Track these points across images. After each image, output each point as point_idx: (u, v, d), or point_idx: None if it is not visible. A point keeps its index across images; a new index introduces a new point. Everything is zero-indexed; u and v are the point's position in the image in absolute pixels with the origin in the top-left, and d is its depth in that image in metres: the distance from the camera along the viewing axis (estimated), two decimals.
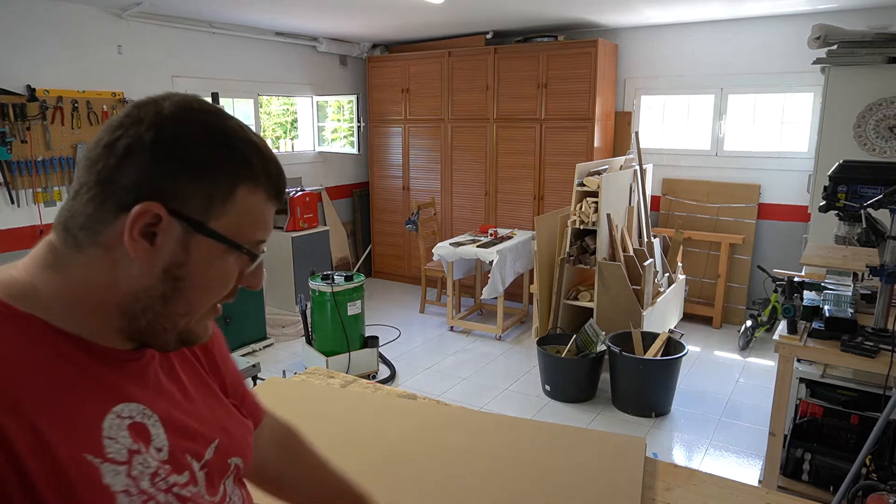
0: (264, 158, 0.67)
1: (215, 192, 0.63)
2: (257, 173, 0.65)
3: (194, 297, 0.66)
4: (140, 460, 0.63)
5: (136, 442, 0.63)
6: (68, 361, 0.61)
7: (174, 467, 0.67)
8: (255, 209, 0.66)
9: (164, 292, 0.64)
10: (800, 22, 4.56)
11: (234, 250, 0.65)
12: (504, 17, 4.84)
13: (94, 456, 0.59)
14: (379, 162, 6.36)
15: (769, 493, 1.25)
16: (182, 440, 0.69)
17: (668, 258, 4.83)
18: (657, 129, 5.43)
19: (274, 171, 0.68)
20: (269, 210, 0.69)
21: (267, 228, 0.69)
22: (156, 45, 4.60)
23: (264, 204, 0.67)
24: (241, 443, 0.81)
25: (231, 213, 0.64)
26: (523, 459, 1.34)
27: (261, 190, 0.66)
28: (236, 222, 0.65)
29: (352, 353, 4.05)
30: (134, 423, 0.64)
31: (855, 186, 2.18)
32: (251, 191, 0.65)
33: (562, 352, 3.86)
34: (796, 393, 2.60)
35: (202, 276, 0.65)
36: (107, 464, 0.60)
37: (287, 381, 1.82)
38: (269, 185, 0.67)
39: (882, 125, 3.55)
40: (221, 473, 0.76)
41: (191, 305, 0.66)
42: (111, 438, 0.61)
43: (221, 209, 0.63)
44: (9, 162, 3.82)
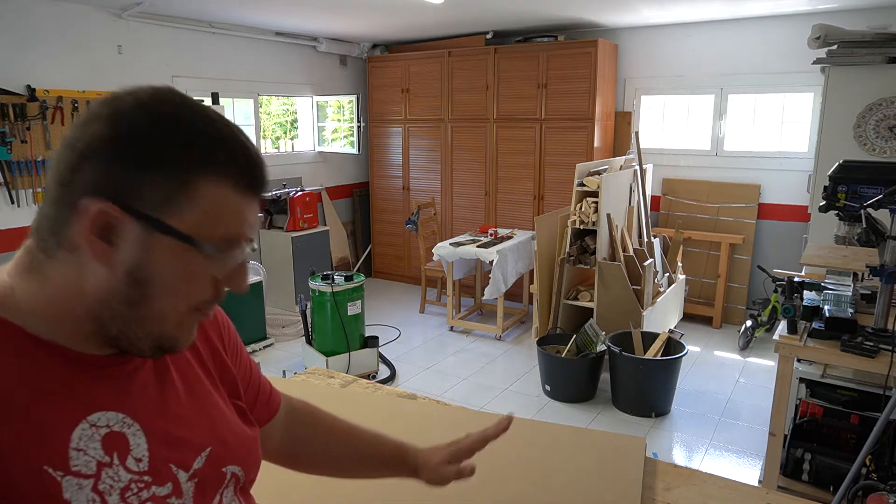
0: (230, 148, 0.61)
1: (171, 187, 0.58)
2: (221, 162, 0.60)
3: (162, 300, 0.61)
4: (110, 473, 0.61)
5: (107, 454, 0.61)
6: (41, 369, 0.59)
7: (155, 479, 0.64)
8: (221, 203, 0.61)
9: (129, 296, 0.60)
10: (800, 22, 4.56)
11: (197, 250, 0.61)
12: (504, 17, 4.84)
13: (55, 469, 0.57)
14: (379, 162, 6.36)
15: (769, 493, 1.25)
16: (166, 450, 0.67)
17: (668, 258, 4.83)
18: (657, 129, 5.43)
19: (243, 160, 0.62)
20: (242, 203, 0.62)
21: (242, 223, 0.63)
22: (156, 45, 4.60)
23: (232, 197, 0.61)
24: (238, 450, 0.76)
25: (192, 209, 0.59)
26: (523, 460, 1.34)
27: (227, 181, 0.61)
28: (198, 219, 0.60)
29: (352, 353, 4.05)
30: (110, 433, 0.62)
31: (855, 186, 2.18)
32: (214, 182, 0.60)
33: (562, 352, 3.86)
34: (796, 393, 2.60)
35: (167, 278, 0.60)
36: (70, 477, 0.58)
37: (287, 382, 1.82)
38: (237, 173, 0.61)
39: (882, 125, 3.55)
40: (216, 483, 0.72)
41: (160, 310, 0.62)
42: (80, 450, 0.59)
43: (180, 205, 0.59)
44: (9, 162, 3.83)
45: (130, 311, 0.61)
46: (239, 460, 0.76)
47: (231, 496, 0.75)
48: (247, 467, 0.78)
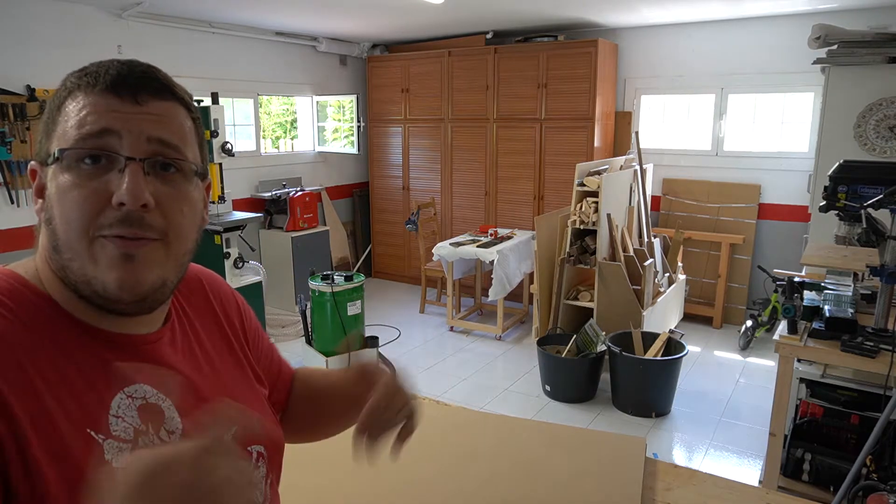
0: (98, 70, 0.63)
1: (49, 124, 0.64)
2: (83, 85, 0.63)
3: (61, 229, 0.61)
4: (146, 441, 0.63)
5: (143, 423, 0.63)
6: (82, 343, 0.62)
7: None
8: (78, 107, 0.62)
9: (51, 240, 0.63)
10: (800, 22, 4.55)
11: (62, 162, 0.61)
12: (504, 16, 4.84)
13: (97, 432, 0.60)
14: (379, 162, 6.36)
15: (769, 493, 1.25)
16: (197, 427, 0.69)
17: (669, 258, 4.82)
18: (657, 129, 5.43)
19: (110, 72, 0.63)
20: (99, 100, 0.62)
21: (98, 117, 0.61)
22: (156, 45, 4.60)
23: (87, 99, 0.62)
24: (261, 430, 0.79)
25: (59, 128, 0.63)
26: (523, 460, 1.34)
27: (85, 92, 0.62)
28: (59, 132, 0.62)
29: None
30: (146, 404, 0.64)
31: (855, 186, 2.18)
32: (73, 99, 0.63)
33: (562, 352, 3.86)
34: (796, 393, 2.60)
35: (58, 204, 0.61)
36: (111, 440, 0.60)
37: None
38: (91, 81, 0.62)
39: (882, 125, 3.55)
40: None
41: (66, 243, 0.61)
42: (118, 417, 0.62)
43: (54, 132, 0.63)
44: (8, 162, 3.82)
45: (57, 254, 0.63)
46: (262, 440, 0.78)
47: (259, 478, 0.76)
48: (270, 449, 0.79)
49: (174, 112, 0.66)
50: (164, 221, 0.63)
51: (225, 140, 4.36)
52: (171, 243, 0.65)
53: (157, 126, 0.63)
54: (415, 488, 1.25)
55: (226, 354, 0.81)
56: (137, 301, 0.63)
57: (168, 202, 0.64)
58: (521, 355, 4.59)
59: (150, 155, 0.63)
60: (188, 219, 0.66)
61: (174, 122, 0.66)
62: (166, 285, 0.66)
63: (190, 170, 0.66)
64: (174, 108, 0.66)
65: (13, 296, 0.61)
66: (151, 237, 0.62)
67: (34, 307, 0.61)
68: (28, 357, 0.57)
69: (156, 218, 0.62)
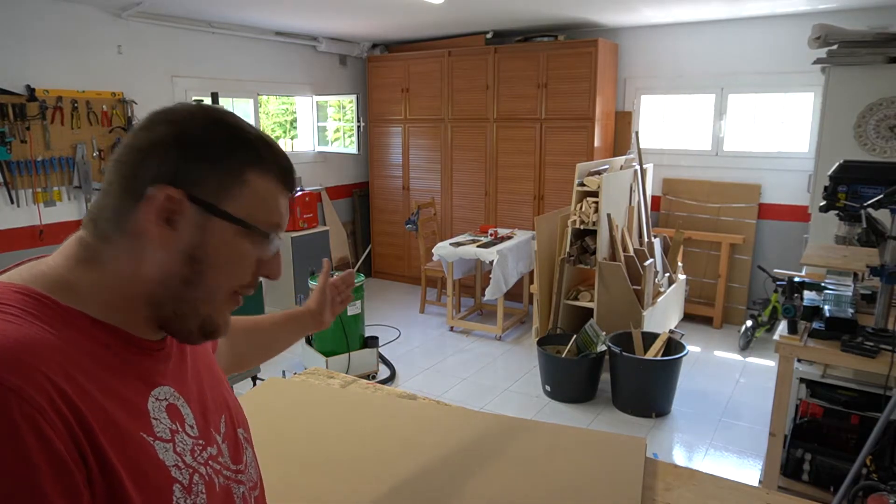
0: (273, 149, 0.71)
1: (227, 177, 0.67)
2: (266, 160, 0.70)
3: (213, 280, 0.69)
4: (180, 438, 0.68)
5: (173, 422, 0.68)
6: (111, 351, 0.65)
7: (207, 442, 0.73)
8: (267, 194, 0.70)
9: (185, 276, 0.67)
10: (800, 22, 4.55)
11: (249, 233, 0.69)
12: (504, 16, 4.84)
13: (147, 434, 0.64)
14: (379, 162, 6.36)
15: (769, 493, 1.25)
16: (204, 418, 0.75)
17: (669, 258, 4.82)
18: (657, 129, 5.42)
19: (283, 161, 0.72)
20: (281, 197, 0.72)
21: (281, 214, 0.72)
22: (156, 45, 4.60)
23: (275, 190, 0.71)
24: (239, 413, 0.86)
25: (243, 196, 0.68)
26: (523, 460, 1.34)
27: (271, 176, 0.70)
28: (249, 205, 0.68)
29: (351, 354, 4.05)
30: (169, 404, 0.69)
31: (855, 186, 2.18)
32: (261, 176, 0.69)
33: (562, 352, 3.86)
34: (796, 393, 2.60)
35: (219, 258, 0.68)
36: (158, 442, 0.65)
37: (287, 382, 1.81)
38: (278, 172, 0.71)
39: (882, 125, 3.55)
40: (238, 445, 0.81)
41: (210, 289, 0.69)
42: (156, 419, 0.66)
43: (233, 193, 0.67)
44: (8, 162, 3.82)
45: (186, 290, 0.68)
46: (242, 423, 0.85)
47: (251, 456, 0.84)
48: (247, 429, 0.87)
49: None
50: None
51: None
52: None
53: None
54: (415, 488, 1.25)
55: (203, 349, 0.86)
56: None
57: None
58: (521, 355, 4.59)
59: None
60: None
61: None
62: None
63: None
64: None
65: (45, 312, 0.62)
66: None
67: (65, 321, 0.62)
68: (77, 367, 0.59)
69: None
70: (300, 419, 1.55)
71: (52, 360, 0.56)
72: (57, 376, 0.56)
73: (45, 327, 0.59)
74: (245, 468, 0.80)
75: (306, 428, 1.51)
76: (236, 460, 0.79)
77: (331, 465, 1.32)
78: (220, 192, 0.67)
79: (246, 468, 0.81)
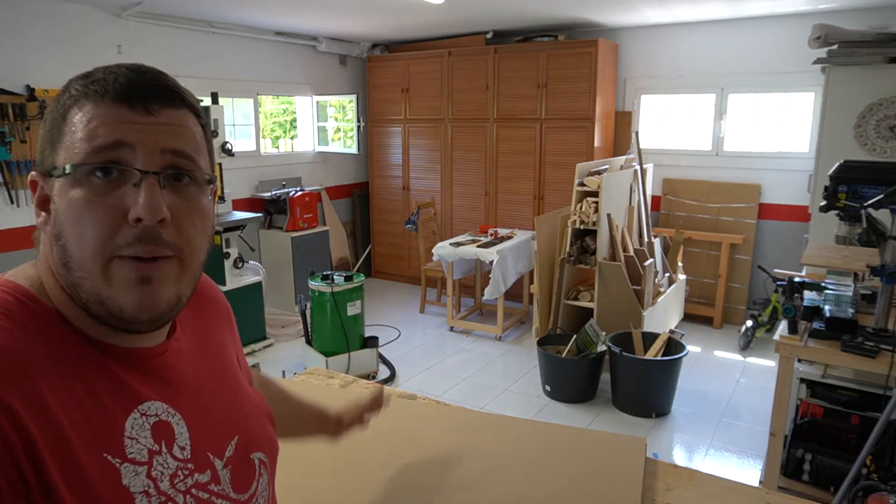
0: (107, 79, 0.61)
1: (54, 133, 0.60)
2: (91, 94, 0.60)
3: (73, 247, 0.58)
4: (160, 461, 0.62)
5: (156, 442, 0.62)
6: (93, 361, 0.60)
7: (197, 466, 0.66)
8: (83, 120, 0.59)
9: (60, 257, 0.60)
10: (800, 22, 4.55)
11: (73, 178, 0.58)
12: (504, 16, 4.84)
13: (113, 456, 0.58)
14: (379, 162, 6.36)
15: (770, 493, 1.25)
16: (204, 438, 0.68)
17: (669, 258, 4.82)
18: (657, 129, 5.42)
19: (119, 79, 0.61)
20: (104, 109, 0.59)
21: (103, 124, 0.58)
22: (155, 44, 4.60)
23: (95, 109, 0.59)
24: (261, 436, 0.78)
25: (63, 141, 0.59)
26: (523, 460, 1.34)
27: (93, 102, 0.59)
28: (67, 145, 0.59)
29: (351, 354, 4.05)
30: (158, 421, 0.63)
31: (855, 186, 2.18)
32: (81, 108, 0.60)
33: (562, 352, 3.86)
34: (797, 393, 2.60)
35: (69, 221, 0.58)
36: (127, 464, 0.59)
37: (286, 382, 1.81)
38: (99, 90, 0.60)
39: (883, 125, 3.55)
40: (248, 470, 0.73)
41: (80, 263, 0.59)
42: (133, 438, 0.60)
43: (61, 143, 0.60)
44: (8, 162, 3.82)
45: (68, 273, 0.59)
46: (262, 446, 0.77)
47: (265, 484, 0.76)
48: (270, 452, 0.79)
49: (186, 120, 0.64)
50: (179, 237, 0.61)
51: (225, 140, 4.36)
52: (186, 259, 0.63)
53: (170, 136, 0.61)
54: (415, 488, 1.25)
55: (226, 360, 0.80)
56: (154, 321, 0.62)
57: (183, 216, 0.62)
58: (521, 355, 4.58)
59: (165, 167, 0.61)
60: (201, 231, 0.64)
61: (186, 130, 0.64)
62: (181, 301, 0.64)
63: (203, 179, 0.65)
64: (185, 115, 0.64)
65: (21, 310, 0.58)
66: (167, 254, 0.60)
67: (43, 322, 0.59)
68: (41, 375, 0.55)
69: (171, 234, 0.61)
70: None
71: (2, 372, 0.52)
72: (4, 390, 0.52)
73: (14, 330, 0.56)
74: (252, 497, 0.73)
75: None
76: (240, 488, 0.71)
77: (331, 465, 1.32)
78: (52, 152, 0.60)
79: (253, 497, 0.73)
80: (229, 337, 0.84)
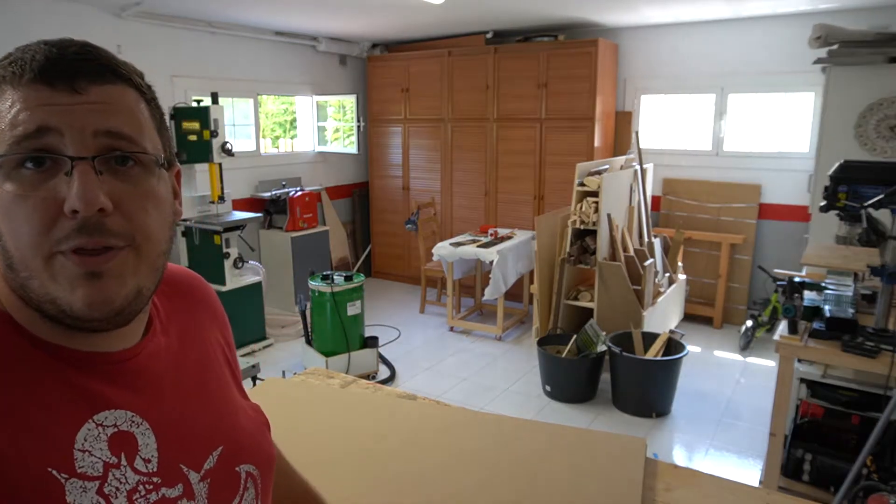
0: (25, 57, 0.54)
1: None
2: (4, 77, 0.54)
3: (11, 246, 0.54)
4: (117, 475, 0.56)
5: (114, 455, 0.57)
6: (46, 368, 0.55)
7: (164, 480, 0.60)
8: (5, 105, 0.53)
9: (3, 258, 0.55)
10: (800, 22, 4.55)
11: (6, 171, 0.53)
12: (504, 16, 4.84)
13: (59, 471, 0.53)
14: (379, 162, 6.36)
15: (770, 493, 1.24)
16: (176, 450, 0.62)
17: (669, 258, 4.82)
18: (657, 129, 5.42)
19: (28, 55, 0.54)
20: (23, 92, 0.53)
21: (24, 109, 0.53)
22: (155, 44, 4.60)
23: (14, 94, 0.53)
24: (251, 447, 0.72)
25: None
26: (523, 460, 1.34)
27: (7, 84, 0.54)
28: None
29: (351, 354, 4.05)
30: (118, 432, 0.58)
31: (856, 186, 2.18)
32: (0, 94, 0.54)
33: (562, 352, 3.86)
34: (797, 393, 2.60)
35: (3, 220, 0.54)
36: (75, 479, 0.53)
37: (286, 382, 1.81)
38: (17, 71, 0.54)
39: (883, 125, 3.55)
40: (232, 484, 0.67)
41: (19, 260, 0.54)
42: (85, 451, 0.55)
43: None
44: None
45: (14, 273, 0.55)
46: (253, 458, 0.71)
47: (251, 499, 0.70)
48: (262, 467, 0.73)
49: (122, 96, 0.57)
50: (129, 224, 0.56)
51: (225, 140, 4.36)
52: (141, 247, 0.57)
53: (103, 116, 0.55)
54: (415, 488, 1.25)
55: (213, 364, 0.74)
56: (112, 317, 0.57)
57: (130, 202, 0.56)
58: (521, 355, 4.58)
59: (100, 151, 0.54)
60: (155, 217, 0.59)
61: (123, 108, 0.57)
62: (142, 294, 0.59)
63: (150, 161, 0.58)
64: (122, 91, 0.57)
65: None
66: (117, 245, 0.55)
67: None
68: None
69: (118, 222, 0.55)
70: (300, 419, 1.55)
71: None
72: None
73: None
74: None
75: (306, 428, 1.50)
76: (220, 502, 0.65)
77: (330, 465, 1.32)
78: None
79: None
80: (221, 340, 0.79)
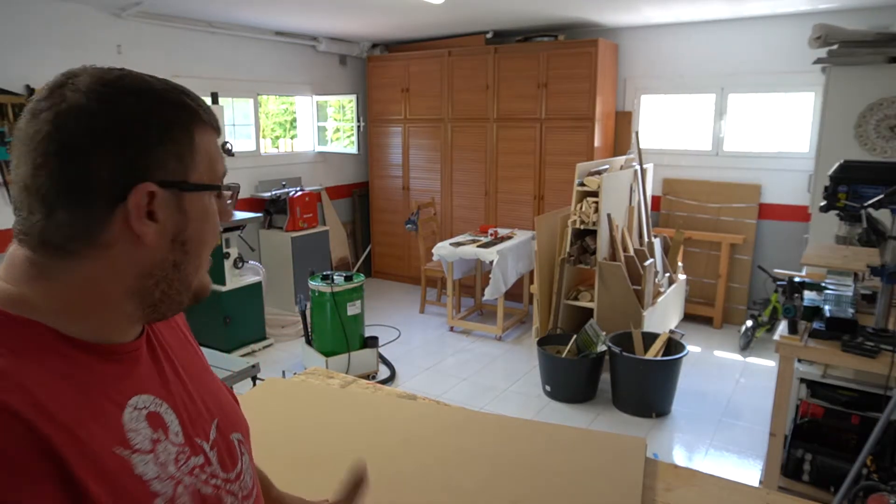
0: (193, 98, 0.69)
1: (181, 148, 0.65)
2: (197, 114, 0.68)
3: (199, 252, 0.69)
4: (162, 448, 0.65)
5: (155, 430, 0.65)
6: (78, 364, 0.61)
7: (191, 450, 0.69)
8: (211, 147, 0.69)
9: (175, 260, 0.67)
10: (800, 22, 4.55)
11: (213, 193, 0.69)
12: (504, 16, 4.84)
13: (123, 449, 0.61)
14: (379, 162, 6.36)
15: (770, 493, 1.25)
16: (190, 424, 0.71)
17: (669, 258, 4.82)
18: (657, 129, 5.42)
19: (204, 104, 0.70)
20: (217, 141, 0.72)
21: (223, 159, 0.72)
22: (155, 44, 4.59)
23: (214, 138, 0.70)
24: (235, 416, 0.82)
25: (199, 160, 0.67)
26: (523, 460, 1.34)
27: (207, 127, 0.69)
28: (205, 165, 0.68)
29: (351, 354, 4.05)
30: (149, 412, 0.66)
31: (856, 186, 2.18)
32: (202, 131, 0.68)
33: (562, 352, 3.86)
34: (797, 393, 2.60)
35: (201, 230, 0.68)
36: (136, 454, 0.61)
37: (286, 382, 1.81)
38: (209, 119, 0.70)
39: (883, 125, 3.55)
40: (231, 451, 0.77)
41: (198, 262, 0.70)
42: (133, 430, 0.63)
43: (190, 160, 0.66)
44: (7, 162, 3.82)
45: (176, 272, 0.67)
46: (237, 426, 0.81)
47: (248, 463, 0.80)
48: (244, 432, 0.82)
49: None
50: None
51: (225, 140, 4.35)
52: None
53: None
54: (415, 488, 1.25)
55: (189, 345, 0.83)
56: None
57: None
58: (521, 355, 4.58)
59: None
60: None
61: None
62: None
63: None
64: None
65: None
66: None
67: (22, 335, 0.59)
68: (38, 389, 0.56)
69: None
70: (300, 419, 1.55)
71: (13, 391, 0.53)
72: (23, 406, 0.53)
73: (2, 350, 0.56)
74: (239, 476, 0.76)
75: (306, 428, 1.50)
76: (227, 468, 0.74)
77: (331, 465, 1.32)
78: (180, 165, 0.65)
79: (240, 476, 0.76)
80: (179, 321, 0.87)
